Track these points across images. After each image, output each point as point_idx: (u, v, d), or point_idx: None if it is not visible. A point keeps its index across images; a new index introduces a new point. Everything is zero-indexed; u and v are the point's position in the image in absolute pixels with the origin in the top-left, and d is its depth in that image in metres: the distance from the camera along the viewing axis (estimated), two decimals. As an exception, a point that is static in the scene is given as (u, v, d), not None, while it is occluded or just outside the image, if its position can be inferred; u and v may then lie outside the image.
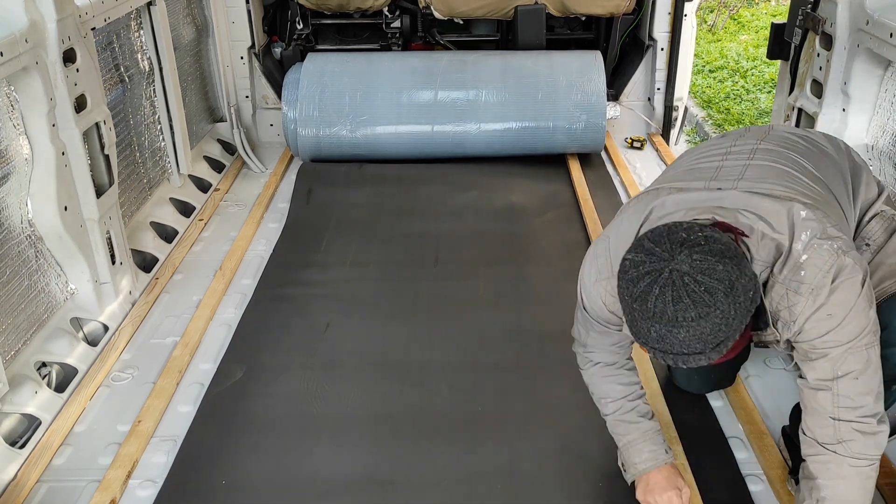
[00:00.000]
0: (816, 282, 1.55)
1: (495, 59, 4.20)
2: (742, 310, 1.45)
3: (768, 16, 9.51)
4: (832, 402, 1.61)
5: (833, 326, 1.56)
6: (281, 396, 2.45)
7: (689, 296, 1.41)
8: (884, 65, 2.41)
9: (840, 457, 1.62)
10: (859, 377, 1.59)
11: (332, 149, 4.06)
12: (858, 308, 1.56)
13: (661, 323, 1.44)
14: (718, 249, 1.45)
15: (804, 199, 1.67)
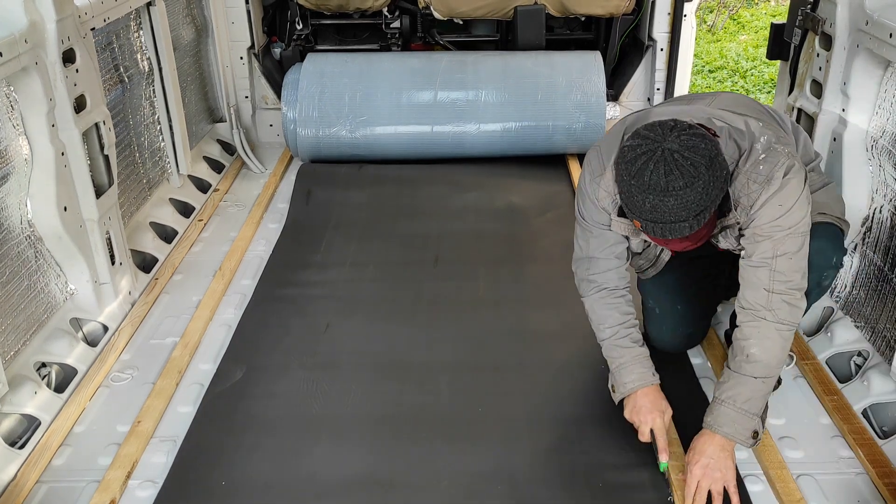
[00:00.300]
0: (772, 174, 1.89)
1: (495, 59, 4.20)
2: (719, 182, 1.78)
3: (768, 16, 9.52)
4: (769, 277, 1.94)
5: (781, 214, 1.90)
6: (281, 397, 2.45)
7: (678, 168, 1.72)
8: (883, 65, 2.41)
9: (769, 322, 1.96)
10: (793, 257, 1.93)
11: (331, 149, 4.06)
12: (801, 202, 1.91)
13: (654, 193, 1.74)
14: (701, 133, 1.78)
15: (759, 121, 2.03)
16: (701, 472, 1.97)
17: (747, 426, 1.99)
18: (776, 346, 1.97)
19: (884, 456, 2.16)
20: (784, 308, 1.96)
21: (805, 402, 2.42)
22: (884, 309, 2.47)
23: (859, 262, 2.62)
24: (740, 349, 2.00)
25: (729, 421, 1.99)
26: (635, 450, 2.21)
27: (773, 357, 1.97)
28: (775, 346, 1.97)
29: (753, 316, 1.98)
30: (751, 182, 1.90)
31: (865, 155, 2.55)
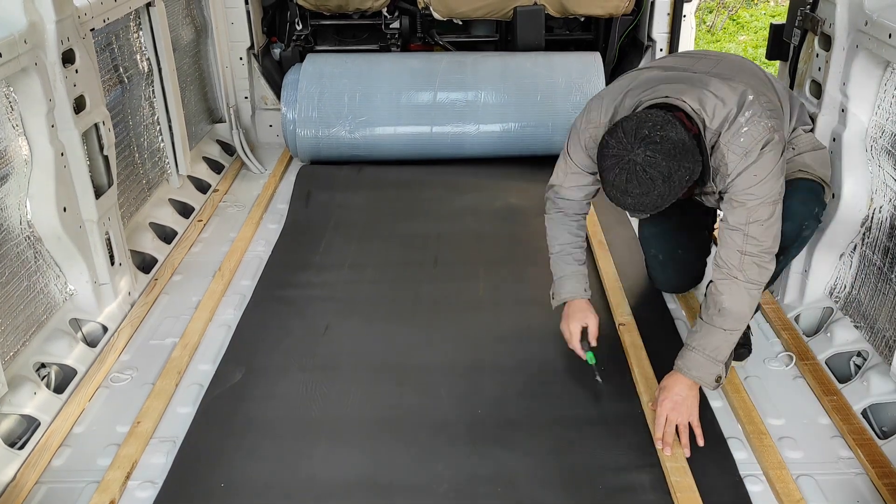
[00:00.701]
0: (749, 147, 2.07)
1: (494, 60, 4.20)
2: (675, 191, 2.01)
3: (767, 16, 9.52)
4: (743, 241, 2.13)
5: (754, 183, 2.08)
6: (280, 399, 2.45)
7: (637, 179, 1.97)
8: (882, 65, 2.41)
9: (740, 281, 2.15)
10: (764, 224, 2.11)
11: (330, 150, 4.06)
12: (774, 173, 2.10)
13: (616, 189, 2.02)
14: (668, 149, 1.97)
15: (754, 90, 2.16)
16: (670, 406, 2.21)
17: (712, 371, 2.21)
18: (745, 303, 2.17)
19: (883, 456, 2.16)
20: (754, 269, 2.15)
21: (805, 403, 2.42)
22: (883, 309, 2.47)
23: (859, 263, 2.62)
24: (713, 303, 2.19)
25: (697, 366, 2.21)
26: (636, 452, 2.22)
27: (741, 312, 2.18)
28: (744, 303, 2.17)
29: (727, 275, 2.17)
30: (730, 153, 2.09)
31: (865, 155, 2.54)
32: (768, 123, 2.09)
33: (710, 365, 2.20)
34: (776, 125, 2.12)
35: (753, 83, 2.22)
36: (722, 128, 2.09)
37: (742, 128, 2.08)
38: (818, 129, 2.62)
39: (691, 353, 2.22)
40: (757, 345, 2.70)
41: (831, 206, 2.63)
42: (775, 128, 2.11)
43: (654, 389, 2.41)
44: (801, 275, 2.83)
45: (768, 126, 2.09)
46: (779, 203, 2.14)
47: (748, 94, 2.13)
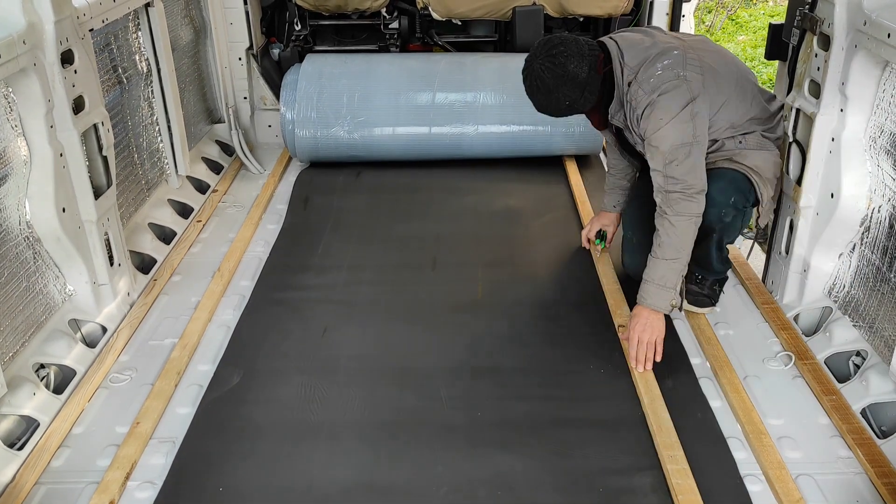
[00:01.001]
0: (656, 86, 2.40)
1: (493, 61, 4.20)
2: (554, 106, 2.51)
3: (766, 16, 9.53)
4: (664, 181, 2.45)
5: (661, 126, 2.39)
6: (278, 401, 2.44)
7: (530, 81, 2.50)
8: (882, 65, 2.41)
9: (669, 216, 2.44)
10: (681, 164, 2.41)
11: (329, 150, 4.06)
12: (681, 118, 2.39)
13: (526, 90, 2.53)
14: (558, 73, 2.43)
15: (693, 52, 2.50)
16: (640, 329, 2.52)
17: (665, 297, 2.50)
18: (676, 234, 2.45)
19: (882, 456, 2.16)
20: (681, 202, 2.43)
21: (804, 402, 2.42)
22: (882, 309, 2.47)
23: (858, 262, 2.62)
24: (655, 240, 2.51)
25: (651, 294, 2.51)
26: (636, 454, 2.22)
27: (676, 241, 2.46)
28: (676, 234, 2.45)
29: (659, 213, 2.49)
30: (639, 90, 2.43)
31: (864, 155, 2.55)
32: (681, 73, 2.41)
33: (662, 292, 2.50)
34: (691, 78, 2.43)
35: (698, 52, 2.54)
36: (638, 68, 2.46)
37: (657, 71, 2.43)
38: (816, 129, 2.63)
39: (645, 285, 2.53)
40: (756, 344, 2.70)
41: (831, 206, 2.63)
42: (688, 79, 2.42)
43: (654, 391, 2.41)
44: (800, 275, 2.83)
45: (680, 75, 2.41)
46: (695, 146, 2.42)
47: (674, 50, 2.47)
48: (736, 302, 2.97)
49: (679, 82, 2.41)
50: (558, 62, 2.43)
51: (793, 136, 2.79)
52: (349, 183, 4.01)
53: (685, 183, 2.42)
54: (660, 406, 2.35)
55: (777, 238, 2.97)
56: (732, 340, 2.73)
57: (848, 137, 2.55)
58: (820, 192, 2.70)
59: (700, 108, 2.44)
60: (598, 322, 2.82)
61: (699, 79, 2.46)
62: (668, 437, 2.22)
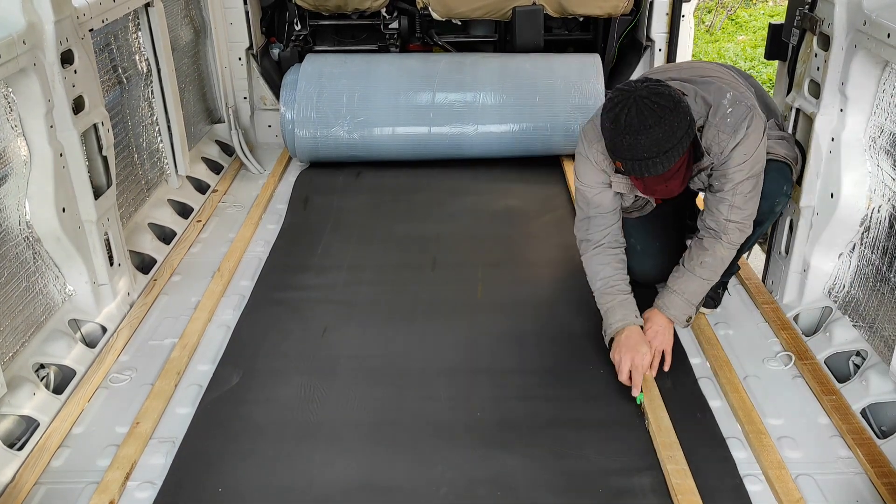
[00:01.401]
0: (737, 125, 2.32)
1: (493, 61, 4.20)
2: (683, 123, 2.19)
3: (766, 16, 9.53)
4: (728, 210, 2.43)
5: (745, 160, 2.35)
6: (278, 402, 2.44)
7: (647, 110, 2.14)
8: (881, 65, 2.41)
9: (722, 242, 2.48)
10: (747, 195, 2.41)
11: (329, 150, 4.06)
12: (760, 149, 2.37)
13: (629, 133, 2.16)
14: (666, 86, 2.21)
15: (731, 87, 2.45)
16: (652, 335, 2.50)
17: (686, 312, 2.54)
18: (723, 258, 2.51)
19: (882, 455, 2.16)
20: (735, 233, 2.47)
21: (804, 402, 2.42)
22: (882, 309, 2.47)
23: (857, 262, 2.62)
24: (697, 256, 2.51)
25: (675, 306, 2.53)
26: (636, 454, 2.21)
27: (719, 266, 2.52)
28: (723, 258, 2.51)
29: (713, 235, 2.49)
30: (720, 133, 2.34)
31: (863, 155, 2.55)
32: (748, 104, 2.38)
33: (686, 306, 2.53)
34: (754, 106, 2.40)
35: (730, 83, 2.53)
36: (707, 112, 2.35)
37: (727, 109, 2.34)
38: (816, 129, 2.63)
39: (672, 296, 2.54)
40: (756, 344, 2.70)
41: (831, 206, 2.63)
42: (752, 105, 2.40)
43: (653, 391, 2.41)
44: (800, 275, 2.83)
45: (748, 106, 2.37)
46: (760, 176, 2.43)
47: (726, 89, 2.41)
48: (736, 302, 2.97)
49: (751, 114, 2.34)
50: (660, 91, 2.19)
51: (793, 135, 2.79)
52: (349, 183, 4.01)
53: (745, 213, 2.43)
54: (659, 407, 2.35)
55: (777, 238, 2.97)
56: (732, 340, 2.73)
57: (848, 137, 2.55)
58: (820, 192, 2.70)
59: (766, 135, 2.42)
60: (598, 322, 2.81)
61: (755, 106, 2.41)
62: (668, 437, 2.22)
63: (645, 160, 2.18)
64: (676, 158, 2.21)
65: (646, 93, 2.16)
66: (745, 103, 2.36)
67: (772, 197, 2.53)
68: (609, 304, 2.55)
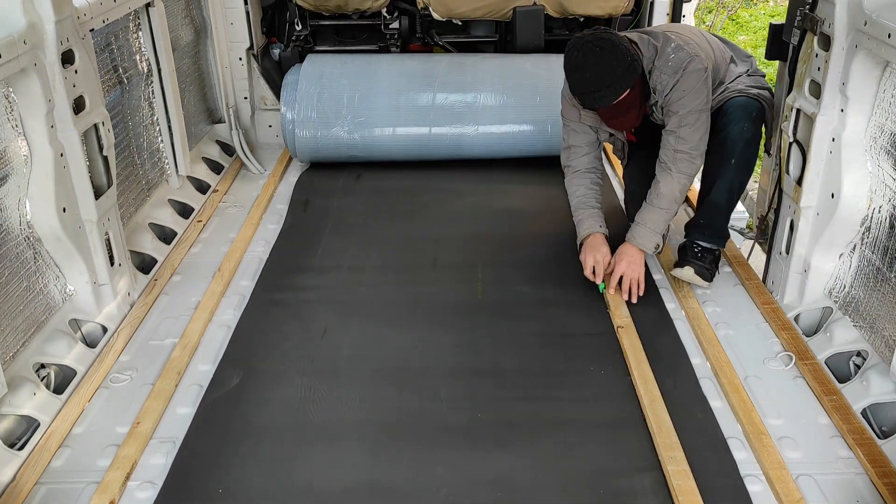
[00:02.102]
0: (677, 68, 2.74)
1: (494, 61, 4.20)
2: (623, 62, 2.65)
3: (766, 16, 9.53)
4: (675, 141, 2.79)
5: (682, 96, 2.75)
6: (278, 403, 2.44)
7: (589, 51, 2.64)
8: (882, 65, 2.41)
9: (673, 172, 2.82)
10: (692, 127, 2.77)
11: (329, 150, 4.06)
12: (698, 88, 2.75)
13: (577, 70, 2.67)
14: (610, 34, 2.68)
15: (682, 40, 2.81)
16: (626, 265, 2.87)
17: (652, 240, 2.89)
18: (676, 188, 2.83)
19: (883, 456, 2.16)
20: (684, 163, 2.80)
21: (804, 403, 2.42)
22: (883, 309, 2.47)
23: (858, 263, 2.62)
24: (654, 189, 2.86)
25: (641, 235, 2.88)
26: (636, 455, 2.21)
27: (673, 195, 2.84)
28: (675, 188, 2.83)
29: (665, 168, 2.83)
30: (662, 74, 2.76)
31: (864, 155, 2.55)
32: (690, 51, 2.75)
33: (651, 235, 2.88)
34: (697, 53, 2.77)
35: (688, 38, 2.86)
36: (654, 57, 2.77)
37: (670, 55, 2.76)
38: (817, 129, 2.63)
39: (638, 227, 2.90)
40: (756, 345, 2.70)
41: (831, 206, 2.63)
42: (696, 54, 2.76)
43: (654, 392, 2.41)
44: (800, 275, 2.83)
45: (690, 53, 2.75)
46: (704, 112, 2.78)
47: (675, 40, 2.79)
48: (736, 302, 2.97)
49: (690, 58, 2.74)
50: (609, 34, 2.68)
51: (793, 136, 2.79)
52: (349, 184, 4.01)
53: (692, 144, 2.78)
54: (660, 406, 2.35)
55: (777, 238, 2.97)
56: (733, 340, 2.73)
57: (848, 137, 2.55)
58: (820, 193, 2.70)
59: (709, 76, 2.80)
60: (599, 323, 2.82)
61: (699, 55, 2.79)
62: (669, 438, 2.22)
63: (592, 93, 2.67)
64: (621, 93, 2.66)
65: (591, 38, 2.65)
66: (687, 50, 2.75)
67: (738, 122, 2.84)
68: (580, 217, 3.05)
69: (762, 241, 3.30)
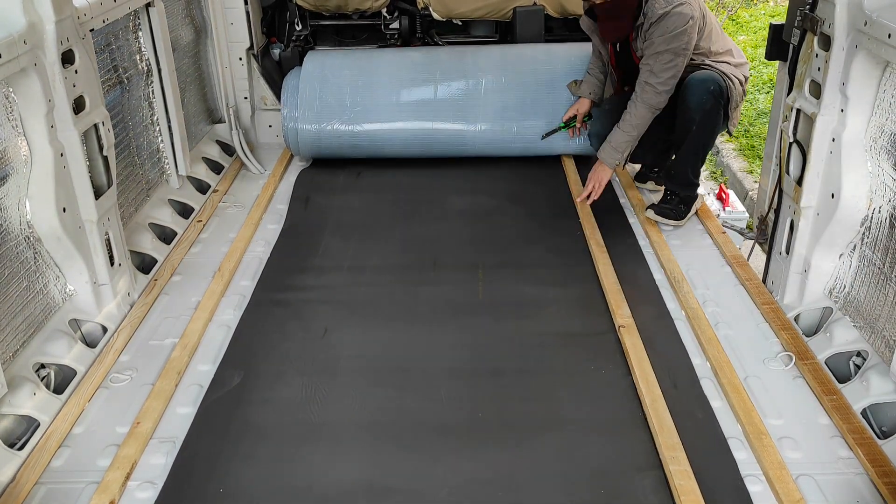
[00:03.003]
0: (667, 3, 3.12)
1: (495, 58, 4.20)
2: None
3: (767, 16, 9.53)
4: (648, 73, 3.23)
5: (666, 32, 3.13)
6: (279, 403, 2.44)
7: None
8: (882, 65, 2.41)
9: (640, 101, 3.26)
10: (666, 63, 3.18)
11: (331, 144, 4.05)
12: (682, 30, 3.12)
13: None
14: None
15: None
16: (592, 173, 3.45)
17: (615, 157, 3.38)
18: (639, 115, 3.27)
19: (883, 456, 2.16)
20: (650, 94, 3.23)
21: (804, 403, 2.42)
22: (883, 309, 2.47)
23: (858, 263, 2.62)
24: (623, 115, 3.31)
25: (605, 151, 3.39)
26: (637, 455, 2.21)
27: (635, 121, 3.29)
28: (638, 115, 3.27)
29: (634, 98, 3.27)
30: (656, 3, 3.12)
31: (864, 155, 2.55)
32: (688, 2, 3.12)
33: (614, 153, 3.37)
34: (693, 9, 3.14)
35: None
36: None
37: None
38: (817, 129, 2.63)
39: (605, 145, 3.39)
40: (756, 345, 2.71)
41: (831, 206, 2.63)
42: (691, 3, 3.14)
43: (655, 392, 2.41)
44: (800, 275, 2.83)
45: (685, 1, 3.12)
46: (680, 55, 3.17)
47: None
48: (736, 302, 2.97)
49: (685, 5, 3.11)
50: None
51: (793, 136, 2.79)
52: (349, 183, 4.01)
53: (661, 80, 3.19)
54: (661, 406, 2.35)
55: (777, 238, 2.97)
56: (733, 341, 2.73)
57: (848, 138, 2.55)
58: (820, 193, 2.70)
59: (694, 28, 3.16)
60: (599, 323, 2.82)
61: (698, 8, 3.19)
62: (670, 438, 2.22)
63: None
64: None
65: None
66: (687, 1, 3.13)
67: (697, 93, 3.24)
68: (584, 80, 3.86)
69: (762, 241, 3.30)
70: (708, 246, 3.40)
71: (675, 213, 3.49)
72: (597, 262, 3.19)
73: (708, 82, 3.25)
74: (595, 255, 3.23)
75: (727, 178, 6.25)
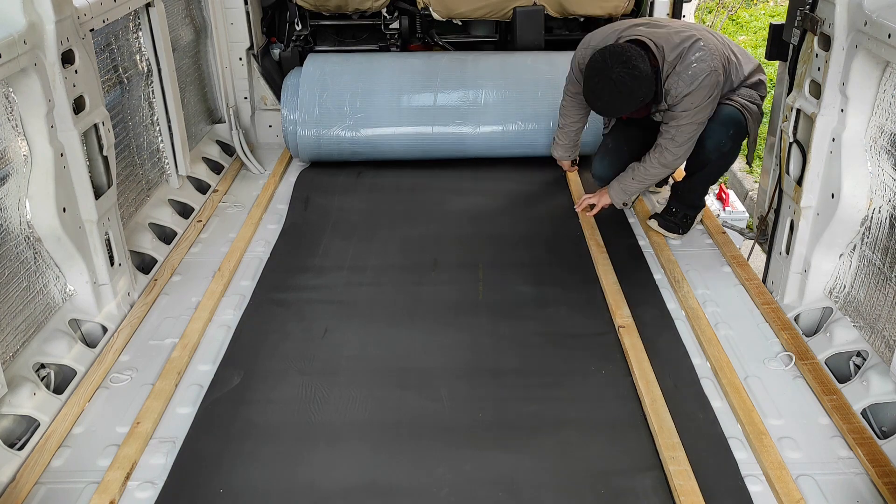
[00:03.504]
0: (693, 79, 2.97)
1: (495, 59, 4.20)
2: (632, 105, 3.00)
3: (766, 16, 9.53)
4: (670, 139, 3.11)
5: (691, 108, 3.02)
6: (279, 403, 2.44)
7: (609, 89, 2.94)
8: (882, 65, 2.41)
9: (657, 159, 3.18)
10: (686, 133, 3.09)
11: (331, 150, 4.05)
12: (707, 102, 3.03)
13: (593, 94, 3.03)
14: (635, 76, 2.92)
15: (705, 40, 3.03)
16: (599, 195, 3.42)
17: (622, 197, 3.36)
18: (652, 172, 3.24)
19: (883, 456, 2.16)
20: (669, 157, 3.16)
21: (804, 403, 2.42)
22: (883, 309, 2.47)
23: (858, 263, 2.62)
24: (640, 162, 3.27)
25: (615, 190, 3.36)
26: (638, 455, 2.22)
27: (649, 175, 3.26)
28: (652, 172, 3.24)
29: (654, 152, 3.19)
30: (680, 81, 2.98)
31: (864, 155, 2.55)
32: (711, 64, 2.97)
33: (622, 193, 3.34)
34: (716, 66, 3.00)
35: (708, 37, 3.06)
36: (676, 61, 2.97)
37: (692, 63, 2.96)
38: (817, 129, 2.63)
39: (615, 183, 3.36)
40: (756, 345, 2.71)
41: (831, 206, 2.63)
42: (715, 68, 2.99)
43: (655, 392, 2.41)
44: (800, 275, 2.83)
45: (710, 66, 2.97)
46: (700, 126, 3.09)
47: (699, 42, 2.99)
48: (736, 302, 2.97)
49: (711, 75, 2.98)
50: (632, 65, 2.90)
51: (793, 136, 2.79)
52: (350, 183, 4.01)
53: (680, 147, 3.12)
54: (661, 406, 2.35)
55: (777, 238, 2.97)
56: (733, 341, 2.73)
57: (848, 138, 2.55)
58: (820, 193, 2.70)
59: (718, 93, 3.07)
60: (599, 323, 2.82)
61: (718, 65, 3.02)
62: (670, 438, 2.22)
63: (604, 112, 3.20)
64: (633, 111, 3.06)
65: (616, 76, 2.89)
66: (709, 62, 2.97)
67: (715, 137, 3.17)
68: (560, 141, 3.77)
69: (762, 242, 3.30)
70: (708, 246, 3.41)
71: (679, 227, 3.45)
72: (597, 262, 3.19)
73: (728, 125, 3.16)
74: (595, 255, 3.23)
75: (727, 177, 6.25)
